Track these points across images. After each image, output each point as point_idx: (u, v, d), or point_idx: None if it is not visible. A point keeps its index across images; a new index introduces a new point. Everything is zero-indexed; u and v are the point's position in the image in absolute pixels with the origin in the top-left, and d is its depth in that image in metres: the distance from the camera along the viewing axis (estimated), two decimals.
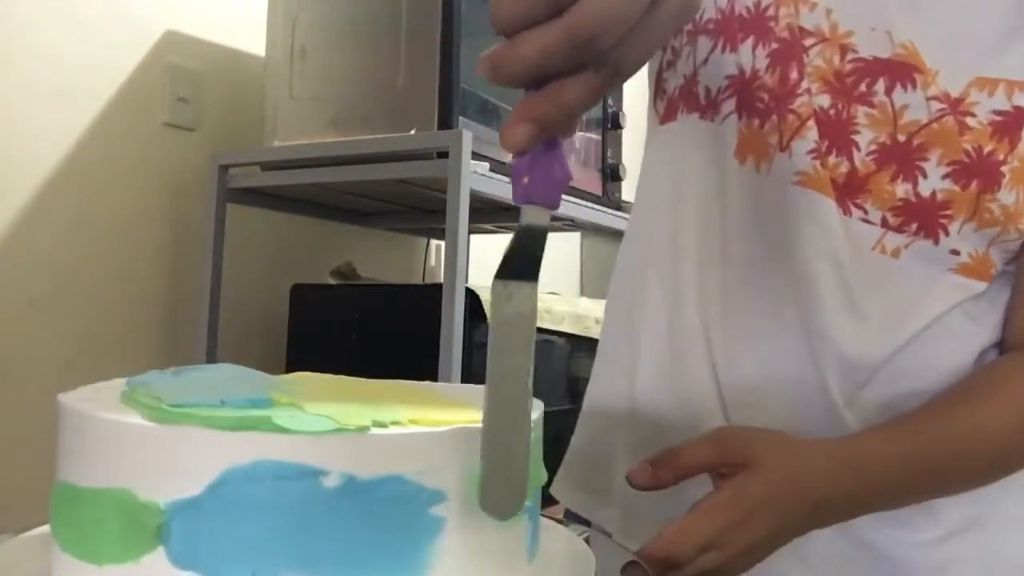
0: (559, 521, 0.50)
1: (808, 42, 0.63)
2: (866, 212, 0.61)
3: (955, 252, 0.61)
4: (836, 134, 0.62)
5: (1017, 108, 0.59)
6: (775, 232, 0.64)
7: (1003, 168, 0.59)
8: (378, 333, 1.49)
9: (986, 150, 0.59)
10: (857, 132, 0.61)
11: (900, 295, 0.62)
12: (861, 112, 0.61)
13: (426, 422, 0.37)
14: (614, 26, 0.34)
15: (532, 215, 0.37)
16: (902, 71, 0.61)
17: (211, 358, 1.46)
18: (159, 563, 0.34)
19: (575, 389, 1.57)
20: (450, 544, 0.36)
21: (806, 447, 0.57)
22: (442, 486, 0.36)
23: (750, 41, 0.64)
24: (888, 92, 0.61)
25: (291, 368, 1.06)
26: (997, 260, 0.62)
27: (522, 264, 0.36)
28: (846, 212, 0.62)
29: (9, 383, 1.30)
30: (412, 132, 1.34)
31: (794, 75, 0.62)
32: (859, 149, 0.61)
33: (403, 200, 1.67)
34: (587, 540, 0.47)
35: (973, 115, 0.59)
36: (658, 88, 0.73)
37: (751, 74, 0.64)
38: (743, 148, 0.65)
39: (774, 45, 0.63)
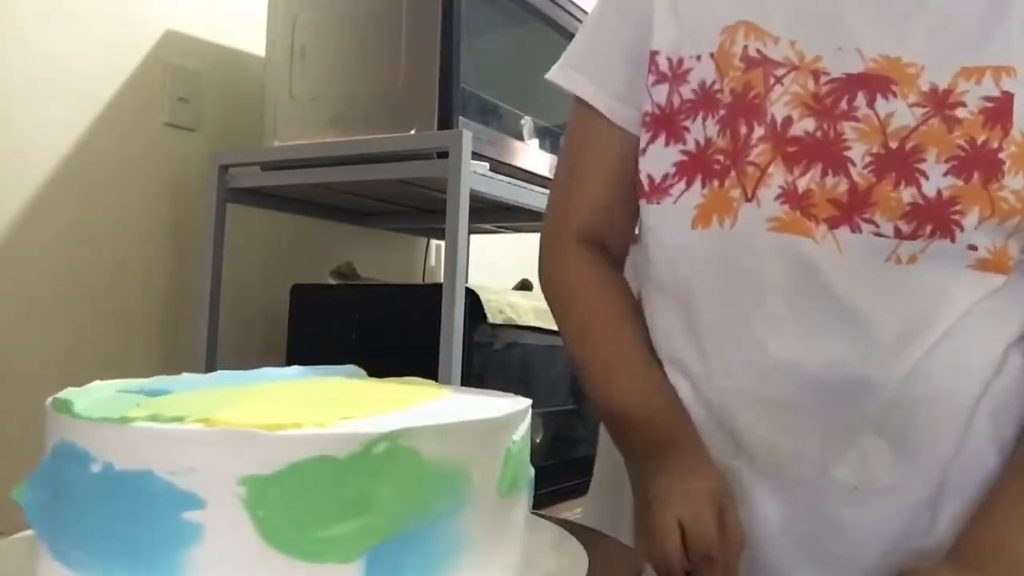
0: (557, 521, 0.50)
1: (779, 72, 0.63)
2: (877, 225, 0.60)
3: (972, 247, 0.60)
4: (827, 155, 0.61)
5: (1006, 93, 0.59)
6: (749, 282, 0.64)
7: (1001, 155, 0.59)
8: (378, 333, 1.49)
9: (979, 141, 0.59)
10: (848, 148, 0.61)
11: (918, 301, 0.61)
12: (848, 128, 0.61)
13: (258, 424, 0.34)
14: None
15: None
16: (878, 83, 0.60)
17: (211, 358, 1.46)
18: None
19: (576, 389, 1.57)
20: (209, 557, 0.33)
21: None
22: (199, 491, 0.33)
23: (699, 118, 0.66)
24: (870, 104, 0.60)
25: None
26: (1014, 251, 0.62)
27: None
28: (855, 229, 0.61)
29: (9, 383, 1.30)
30: (412, 132, 1.34)
31: (743, 130, 0.63)
32: (855, 164, 0.61)
33: (403, 200, 1.66)
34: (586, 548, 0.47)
35: (964, 105, 0.59)
36: None
37: (704, 143, 0.65)
38: (705, 212, 0.65)
39: (721, 112, 0.64)
